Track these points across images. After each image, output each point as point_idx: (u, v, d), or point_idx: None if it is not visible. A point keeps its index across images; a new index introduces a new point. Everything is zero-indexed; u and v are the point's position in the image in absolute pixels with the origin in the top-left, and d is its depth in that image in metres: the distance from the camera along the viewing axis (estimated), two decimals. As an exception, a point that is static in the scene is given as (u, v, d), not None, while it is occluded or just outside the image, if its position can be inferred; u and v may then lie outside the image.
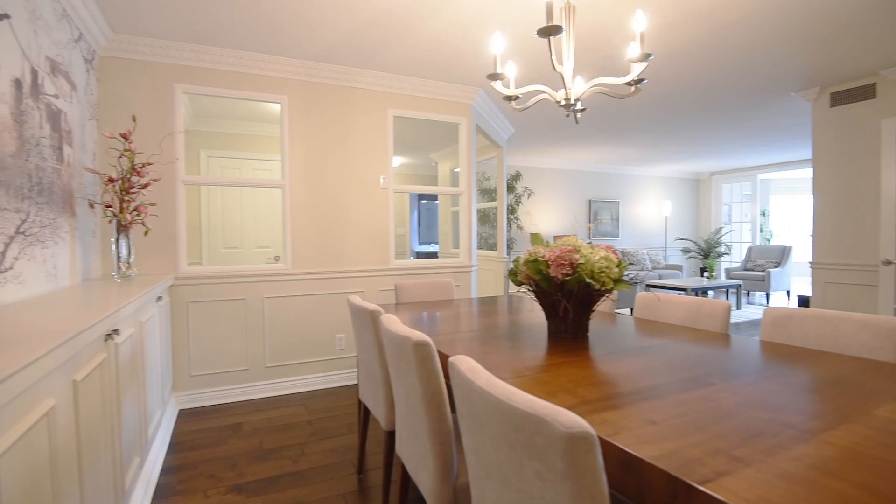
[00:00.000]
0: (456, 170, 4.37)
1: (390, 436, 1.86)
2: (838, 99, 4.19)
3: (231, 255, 5.27)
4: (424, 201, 9.59)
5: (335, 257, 3.74)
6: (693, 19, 2.88)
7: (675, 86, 4.15)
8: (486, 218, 7.42)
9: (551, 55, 1.63)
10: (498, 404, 0.78)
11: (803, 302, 5.30)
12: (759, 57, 3.50)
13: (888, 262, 3.82)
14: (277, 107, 3.62)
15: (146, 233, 2.88)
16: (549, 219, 8.53)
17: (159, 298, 2.77)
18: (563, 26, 1.82)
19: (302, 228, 3.62)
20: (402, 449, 1.56)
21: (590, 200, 8.95)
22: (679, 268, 9.10)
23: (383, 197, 3.91)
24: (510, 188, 7.55)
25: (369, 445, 2.68)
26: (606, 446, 0.87)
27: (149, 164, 2.88)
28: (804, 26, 2.99)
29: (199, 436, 2.89)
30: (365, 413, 2.35)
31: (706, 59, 3.52)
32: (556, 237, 8.24)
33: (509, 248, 7.40)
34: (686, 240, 8.87)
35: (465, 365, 0.93)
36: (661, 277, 8.12)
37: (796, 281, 8.79)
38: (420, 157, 7.28)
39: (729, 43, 3.23)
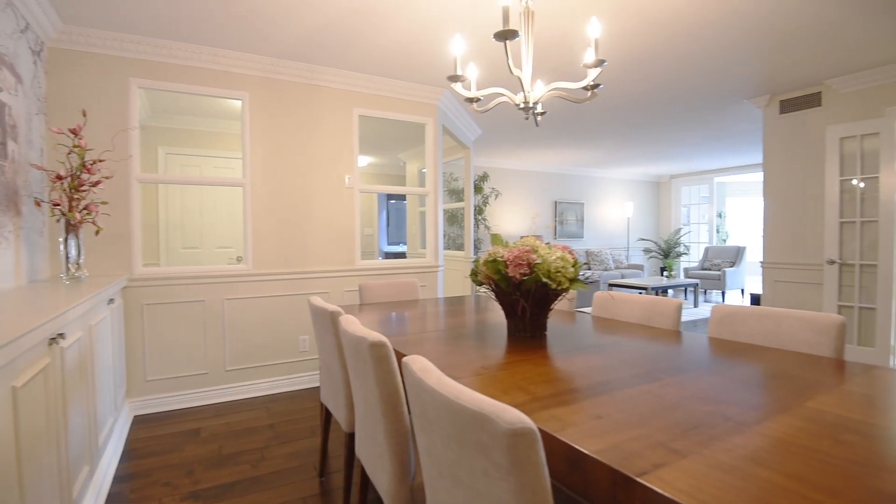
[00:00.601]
0: (424, 170, 4.38)
1: (351, 437, 1.85)
2: (787, 106, 4.40)
3: (191, 255, 5.12)
4: (393, 201, 9.53)
5: (299, 258, 3.68)
6: (652, 27, 2.97)
7: (636, 91, 4.27)
8: (454, 218, 7.45)
9: (508, 59, 1.65)
10: (446, 403, 0.79)
11: (755, 300, 5.55)
12: (714, 64, 3.64)
13: (832, 262, 4.04)
14: (240, 103, 3.54)
15: (97, 232, 2.77)
16: (515, 219, 8.63)
17: (111, 301, 2.66)
18: (522, 31, 1.85)
19: (264, 228, 3.55)
20: (361, 450, 1.56)
21: (555, 201, 9.11)
22: (640, 267, 9.37)
23: (349, 197, 3.88)
24: (477, 189, 7.60)
25: (332, 448, 2.66)
26: (553, 442, 0.89)
27: (100, 160, 2.77)
28: (756, 36, 3.13)
29: (154, 442, 2.80)
30: (327, 415, 2.33)
31: (665, 65, 3.64)
32: (522, 237, 8.35)
33: (476, 248, 7.45)
34: (647, 240, 9.14)
35: (418, 365, 0.94)
36: (623, 277, 8.34)
37: (750, 280, 9.18)
38: (388, 156, 7.25)
39: (686, 50, 3.35)
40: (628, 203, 9.85)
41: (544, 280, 1.63)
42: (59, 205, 2.56)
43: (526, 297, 1.73)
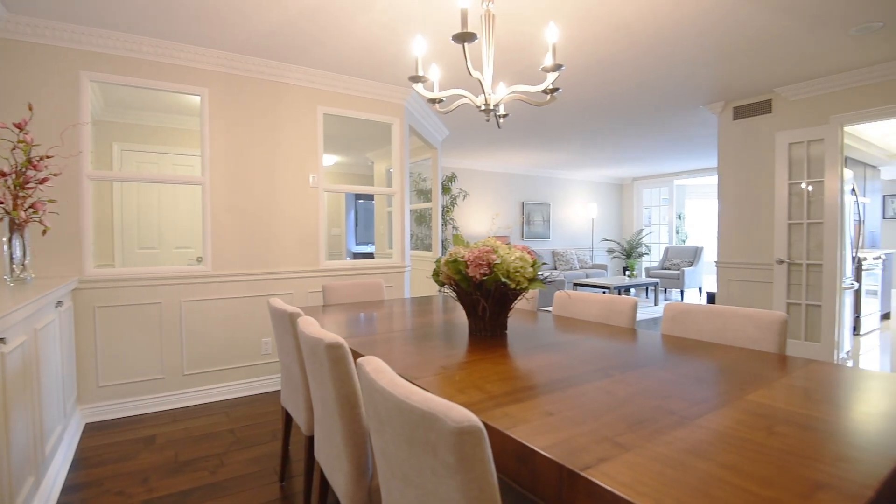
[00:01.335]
0: (391, 170, 4.36)
1: (310, 440, 1.83)
2: (740, 112, 4.59)
3: (148, 255, 4.94)
4: (362, 201, 9.45)
5: (261, 258, 3.61)
6: (612, 33, 3.05)
7: (597, 95, 4.37)
8: (422, 219, 7.44)
9: (466, 61, 1.67)
10: (397, 403, 0.79)
11: (710, 298, 5.76)
12: (673, 71, 3.77)
13: (781, 261, 4.24)
14: (199, 99, 3.44)
15: (44, 232, 2.64)
16: (483, 220, 8.70)
17: (59, 303, 2.55)
18: (483, 33, 1.87)
19: (224, 228, 3.46)
20: (320, 453, 1.54)
21: (523, 202, 9.22)
22: (604, 267, 9.59)
23: (313, 196, 3.82)
24: (445, 189, 7.62)
25: (293, 452, 2.62)
26: (504, 439, 0.91)
27: (48, 156, 2.64)
28: (711, 45, 3.25)
29: (106, 450, 2.69)
30: (287, 419, 2.29)
31: (625, 71, 3.73)
32: (489, 237, 8.41)
33: (444, 248, 7.47)
34: (611, 241, 9.37)
35: (372, 365, 0.94)
36: (587, 276, 8.52)
37: (707, 279, 9.53)
38: (355, 156, 7.18)
39: (646, 56, 3.45)
40: (592, 204, 10.07)
41: (503, 280, 1.65)
42: (2, 203, 2.43)
43: (486, 296, 1.75)
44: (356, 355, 1.57)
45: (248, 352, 3.59)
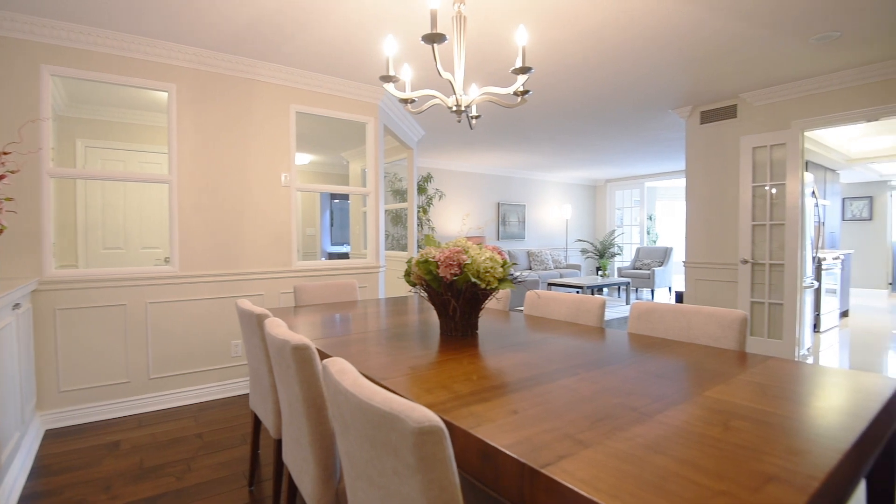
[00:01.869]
0: (366, 169, 4.33)
1: (279, 444, 1.80)
2: (707, 117, 4.72)
3: (114, 256, 4.79)
4: (337, 201, 9.36)
5: (231, 259, 3.54)
6: (583, 37, 3.09)
7: (569, 98, 4.44)
8: (398, 219, 7.42)
9: (436, 62, 1.67)
10: (359, 404, 0.79)
11: (679, 297, 5.91)
12: (641, 76, 3.85)
13: (745, 261, 4.37)
14: (166, 95, 3.35)
15: (0, 231, 2.54)
16: (460, 220, 8.72)
17: (17, 305, 2.45)
18: (454, 35, 1.88)
19: (192, 228, 3.38)
20: (288, 456, 1.52)
21: (498, 203, 9.29)
22: (578, 267, 9.74)
23: (285, 195, 3.77)
24: (421, 189, 7.61)
25: (263, 455, 2.58)
26: (468, 438, 0.91)
27: (5, 153, 2.55)
28: (679, 50, 3.33)
29: (68, 457, 2.60)
30: (256, 422, 2.25)
31: (595, 74, 3.80)
32: (466, 238, 8.44)
33: (420, 248, 7.46)
34: (584, 241, 9.52)
35: (336, 367, 0.93)
36: (561, 276, 8.63)
37: (677, 278, 9.77)
38: (330, 155, 7.11)
39: (615, 61, 3.52)
40: (567, 205, 10.21)
41: (474, 280, 1.66)
42: (-48, 201, 2.33)
43: (457, 297, 1.75)
44: (326, 357, 1.55)
45: (218, 354, 3.52)
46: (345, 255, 8.60)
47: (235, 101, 3.52)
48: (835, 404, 1.11)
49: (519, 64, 1.74)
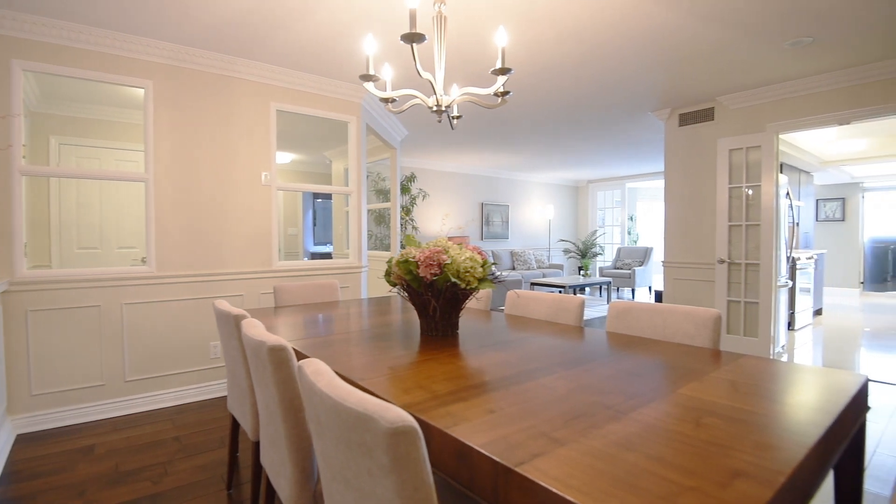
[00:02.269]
0: (349, 168, 4.31)
1: (257, 446, 1.78)
2: (685, 119, 4.80)
3: (89, 256, 4.68)
4: (320, 200, 9.29)
5: (210, 259, 3.48)
6: (562, 38, 3.12)
7: (550, 99, 4.47)
8: (381, 219, 7.39)
9: (416, 62, 1.67)
10: (334, 405, 0.79)
11: (658, 297, 6.00)
12: (621, 78, 3.90)
13: (722, 261, 4.46)
14: (143, 92, 3.28)
15: (-34, 231, 2.46)
16: (447, 220, 8.72)
17: (-16, 307, 2.38)
18: (435, 35, 1.88)
19: (169, 227, 3.32)
20: (265, 458, 1.51)
21: (482, 203, 9.32)
22: (560, 267, 9.82)
23: (266, 195, 3.73)
24: (405, 189, 7.60)
25: (242, 458, 2.54)
26: (444, 437, 0.91)
27: (-29, 150, 2.47)
28: (657, 53, 3.38)
29: (40, 462, 2.53)
30: (234, 424, 2.22)
31: (576, 76, 3.83)
32: (450, 238, 8.46)
33: (404, 248, 7.44)
34: (567, 241, 9.60)
35: (312, 368, 0.93)
36: (544, 276, 8.69)
37: (657, 278, 9.91)
38: (313, 154, 7.05)
39: (595, 63, 3.55)
40: (550, 206, 10.29)
41: (454, 280, 1.66)
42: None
43: (437, 296, 1.76)
44: (304, 358, 1.54)
45: (196, 356, 3.46)
46: (328, 255, 8.54)
47: (214, 99, 3.47)
48: (803, 400, 1.14)
49: (499, 65, 1.75)
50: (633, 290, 8.96)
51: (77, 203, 4.61)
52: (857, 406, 1.25)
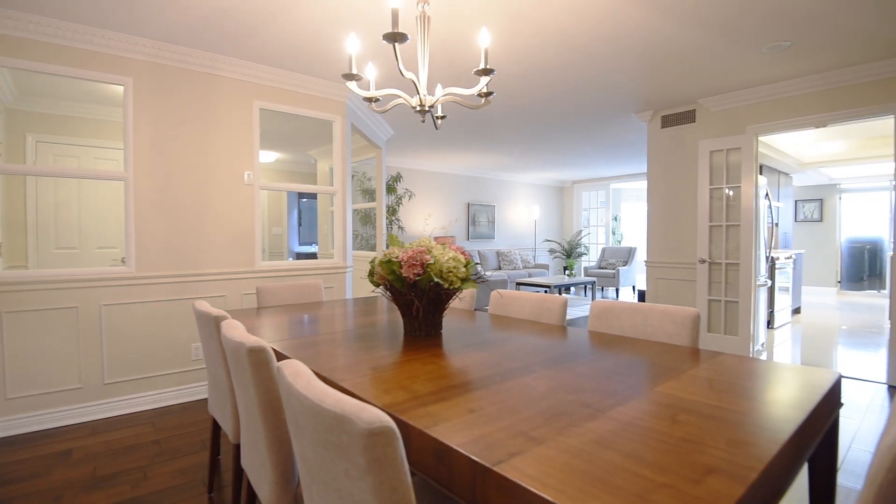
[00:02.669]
0: (334, 168, 4.28)
1: (238, 449, 1.76)
2: (667, 121, 4.86)
3: (66, 256, 4.59)
4: (305, 200, 9.21)
5: (191, 259, 3.43)
6: (547, 40, 3.14)
7: (534, 100, 4.50)
8: (367, 218, 7.36)
9: (398, 62, 1.67)
10: (311, 407, 0.78)
11: (641, 296, 6.07)
12: (604, 80, 3.93)
13: (703, 261, 4.52)
14: (122, 89, 3.23)
15: (-63, 231, 2.40)
16: (431, 220, 8.72)
17: (-45, 309, 2.32)
18: (418, 35, 1.88)
19: (149, 227, 3.27)
20: (246, 460, 1.49)
21: (468, 203, 9.33)
22: (546, 267, 9.88)
23: (248, 194, 3.69)
24: (390, 189, 7.58)
25: (224, 461, 2.51)
26: (423, 437, 0.91)
27: (-58, 148, 2.40)
28: (640, 55, 3.42)
29: (15, 468, 2.47)
30: (216, 427, 2.20)
31: (560, 78, 3.86)
32: (436, 238, 8.46)
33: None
34: (552, 241, 9.66)
35: (290, 369, 0.92)
36: (530, 276, 8.74)
37: (640, 277, 10.03)
38: (298, 153, 7.00)
39: (578, 65, 3.58)
40: (535, 206, 10.35)
41: (437, 280, 1.66)
42: None
43: (420, 296, 1.75)
44: (285, 359, 1.53)
45: (177, 358, 3.41)
46: (313, 256, 8.48)
47: (195, 97, 3.43)
48: (778, 397, 1.16)
49: (482, 66, 1.76)
50: (617, 290, 9.05)
51: (55, 202, 4.51)
52: (831, 402, 1.28)
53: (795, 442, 0.98)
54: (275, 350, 1.61)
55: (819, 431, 1.19)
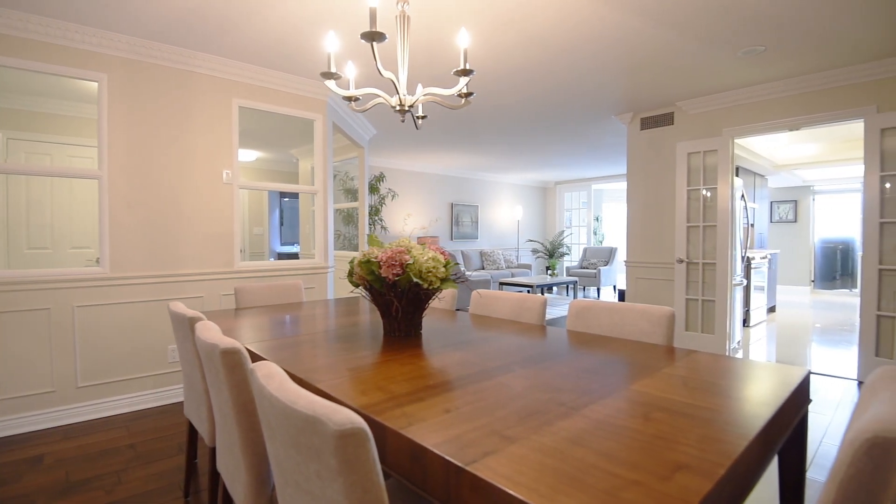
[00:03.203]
0: (315, 167, 4.25)
1: (214, 452, 1.74)
2: (647, 123, 4.93)
3: (39, 256, 4.47)
4: (287, 199, 9.12)
5: (168, 259, 3.37)
6: (527, 42, 3.16)
7: (515, 101, 4.52)
8: (349, 218, 7.31)
9: (376, 61, 1.67)
10: (283, 408, 0.77)
11: (621, 296, 6.15)
12: (585, 82, 3.97)
13: (681, 261, 4.60)
14: (97, 85, 3.15)
15: None
16: (413, 220, 8.71)
17: (-82, 311, 2.24)
18: (398, 34, 1.88)
19: (124, 226, 3.20)
20: (221, 464, 1.47)
21: (452, 203, 9.34)
22: (529, 267, 9.95)
23: (227, 193, 3.63)
24: (373, 189, 7.54)
25: (201, 465, 2.47)
26: (398, 438, 0.91)
27: None
28: (619, 58, 3.46)
29: (-17, 475, 2.40)
30: (192, 430, 2.16)
31: (542, 79, 3.89)
32: (419, 238, 8.45)
33: (372, 249, 7.37)
34: (535, 241, 9.74)
35: (263, 371, 0.91)
36: (513, 276, 8.79)
37: (621, 277, 10.16)
38: (279, 152, 6.92)
39: (558, 67, 3.61)
40: (518, 206, 10.41)
41: (416, 280, 1.66)
42: None
43: (399, 297, 1.75)
44: (261, 360, 1.51)
45: (154, 360, 3.35)
46: (295, 256, 8.40)
47: (173, 94, 3.36)
48: (748, 394, 1.18)
49: (461, 66, 1.76)
50: (598, 289, 9.15)
51: (27, 201, 4.39)
52: (799, 398, 1.31)
53: (763, 438, 1.00)
54: (252, 352, 1.59)
55: (788, 426, 1.22)
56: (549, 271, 8.00)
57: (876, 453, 0.68)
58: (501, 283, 7.55)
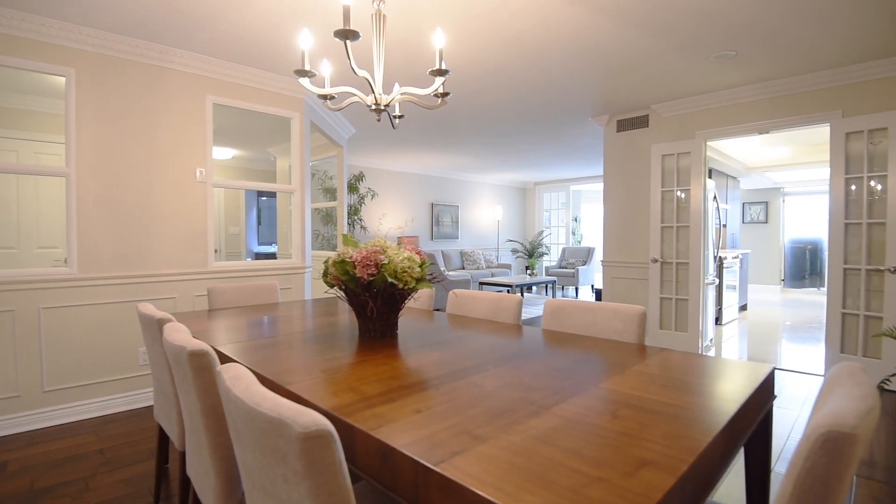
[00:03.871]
0: (292, 166, 4.20)
1: (184, 456, 1.70)
2: (622, 126, 5.01)
3: (4, 256, 4.32)
4: (265, 198, 8.99)
5: (139, 259, 3.29)
6: (505, 42, 3.17)
7: (496, 102, 4.54)
8: (329, 218, 7.24)
9: (349, 59, 1.66)
10: (248, 411, 0.76)
11: (598, 295, 6.24)
12: (563, 84, 4.01)
13: (655, 260, 4.68)
14: (64, 80, 3.06)
15: None
16: (392, 220, 8.68)
17: None
18: (374, 33, 1.87)
19: (93, 225, 3.11)
20: (191, 468, 1.44)
21: (432, 203, 9.33)
22: (509, 266, 10.00)
23: (201, 192, 3.56)
24: (353, 188, 7.49)
25: (172, 470, 2.42)
26: (368, 439, 0.91)
27: None
28: (594, 61, 3.51)
29: (-61, 484, 2.31)
30: (162, 434, 2.12)
31: (519, 80, 3.91)
32: (399, 238, 8.42)
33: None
34: (515, 241, 9.80)
35: (230, 373, 0.90)
36: (493, 275, 8.82)
37: (599, 276, 10.30)
38: (256, 150, 6.82)
39: (535, 68, 3.64)
40: (498, 207, 10.46)
41: (391, 280, 1.66)
42: None
43: (374, 297, 1.74)
44: (231, 362, 1.49)
45: (123, 363, 3.26)
46: (273, 256, 8.29)
47: (144, 90, 3.29)
48: (715, 391, 1.21)
49: (437, 66, 1.76)
50: (576, 289, 9.26)
51: (-11, 199, 4.24)
52: (764, 394, 1.34)
53: (728, 433, 1.03)
54: (224, 354, 1.57)
55: (752, 422, 1.26)
56: (529, 271, 8.07)
57: (830, 447, 0.70)
58: (482, 283, 7.58)
